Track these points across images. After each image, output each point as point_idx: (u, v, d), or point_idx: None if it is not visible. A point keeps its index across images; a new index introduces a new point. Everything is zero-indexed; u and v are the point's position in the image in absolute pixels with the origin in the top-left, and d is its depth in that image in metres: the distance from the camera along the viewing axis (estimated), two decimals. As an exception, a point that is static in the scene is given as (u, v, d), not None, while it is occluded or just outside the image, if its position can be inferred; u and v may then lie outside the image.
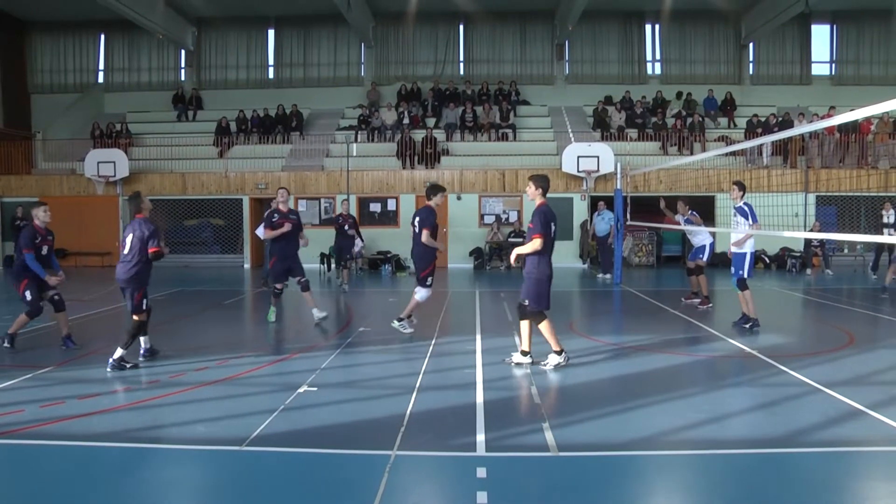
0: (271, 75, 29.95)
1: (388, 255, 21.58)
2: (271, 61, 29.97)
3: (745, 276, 11.02)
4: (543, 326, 8.27)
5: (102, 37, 30.20)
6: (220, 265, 23.30)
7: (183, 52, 29.98)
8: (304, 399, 6.85)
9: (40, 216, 9.33)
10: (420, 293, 10.35)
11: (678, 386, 7.59)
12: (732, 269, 11.17)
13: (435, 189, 10.25)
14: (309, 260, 21.31)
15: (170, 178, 23.54)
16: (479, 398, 6.87)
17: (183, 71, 30.24)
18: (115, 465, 5.24)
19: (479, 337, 10.23)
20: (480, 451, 5.41)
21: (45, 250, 9.32)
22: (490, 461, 5.17)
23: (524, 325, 8.41)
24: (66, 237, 21.85)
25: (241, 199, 23.32)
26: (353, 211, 22.51)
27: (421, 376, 7.78)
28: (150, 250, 8.23)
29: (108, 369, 8.04)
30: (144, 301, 8.39)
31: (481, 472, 4.93)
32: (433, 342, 9.86)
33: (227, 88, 29.45)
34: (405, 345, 9.82)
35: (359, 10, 26.21)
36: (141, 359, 8.61)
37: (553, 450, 5.44)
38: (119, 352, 8.14)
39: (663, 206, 14.78)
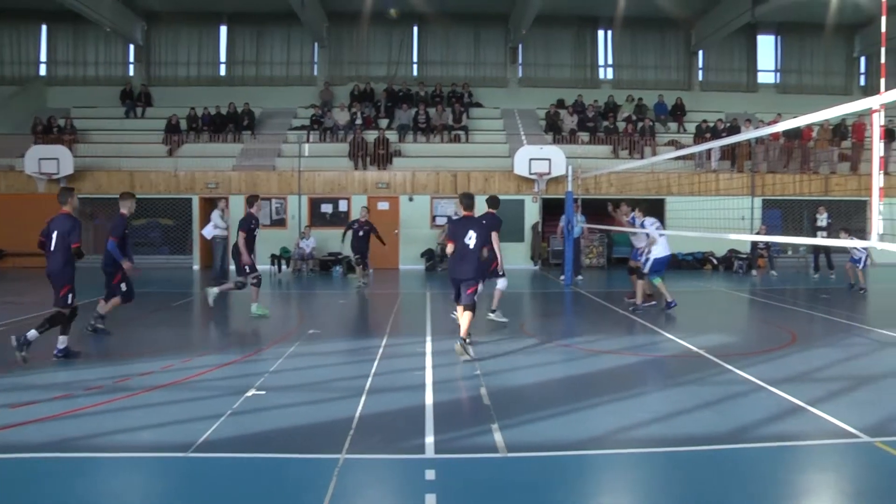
0: (223, 73, 29.50)
1: (340, 257, 21.45)
2: (223, 58, 29.51)
3: (646, 270, 12.87)
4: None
5: (44, 28, 29.29)
6: (169, 266, 22.87)
7: (132, 46, 29.30)
8: (253, 403, 6.77)
9: None
10: (501, 283, 11.66)
11: (627, 386, 7.71)
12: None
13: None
14: (260, 261, 21.24)
15: (117, 176, 22.99)
16: (429, 400, 6.89)
17: (131, 66, 29.55)
18: (51, 477, 5.00)
19: (429, 339, 10.23)
20: (430, 453, 5.42)
21: None
22: (439, 463, 5.19)
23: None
24: (4, 237, 21.35)
25: (191, 199, 22.96)
26: (305, 212, 22.39)
27: (370, 378, 7.75)
28: (72, 246, 8.36)
29: (55, 358, 8.39)
30: (70, 296, 8.41)
31: (430, 475, 4.94)
32: (383, 344, 9.85)
33: (178, 85, 28.83)
34: (355, 347, 9.80)
35: (313, 9, 26.05)
36: (54, 358, 8.48)
37: (502, 450, 5.47)
38: (62, 340, 8.44)
39: (612, 209, 15.02)
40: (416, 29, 29.43)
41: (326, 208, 23.10)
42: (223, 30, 29.47)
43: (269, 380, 7.70)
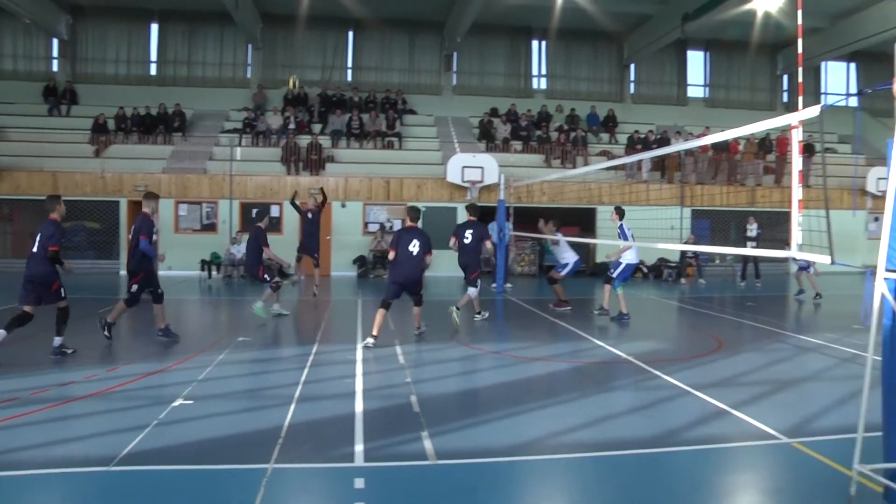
0: (153, 72, 28.63)
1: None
2: (154, 57, 28.63)
3: (614, 276, 13.30)
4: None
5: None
6: (95, 272, 22.15)
7: (55, 41, 28.15)
8: (179, 413, 6.63)
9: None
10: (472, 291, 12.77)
11: (557, 392, 7.84)
12: (610, 268, 13.33)
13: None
14: (190, 266, 20.84)
15: (39, 176, 22.16)
16: (359, 408, 6.88)
17: (55, 61, 28.38)
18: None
19: (359, 346, 10.19)
20: (359, 461, 5.41)
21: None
22: (368, 471, 5.19)
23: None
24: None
25: (119, 202, 22.30)
26: (236, 217, 22.05)
27: (300, 386, 7.70)
28: (49, 248, 8.82)
29: (52, 356, 8.99)
30: (62, 289, 9.12)
31: (359, 483, 4.94)
32: (314, 351, 9.79)
33: (106, 83, 27.84)
34: (285, 355, 9.71)
35: (247, 9, 25.65)
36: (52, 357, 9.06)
37: (432, 458, 5.50)
38: (57, 340, 9.12)
39: (542, 225, 15.31)
40: (351, 34, 29.26)
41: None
42: (154, 28, 28.62)
43: (197, 389, 7.57)
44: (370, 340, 9.98)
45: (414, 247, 10.47)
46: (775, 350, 10.58)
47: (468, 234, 13.09)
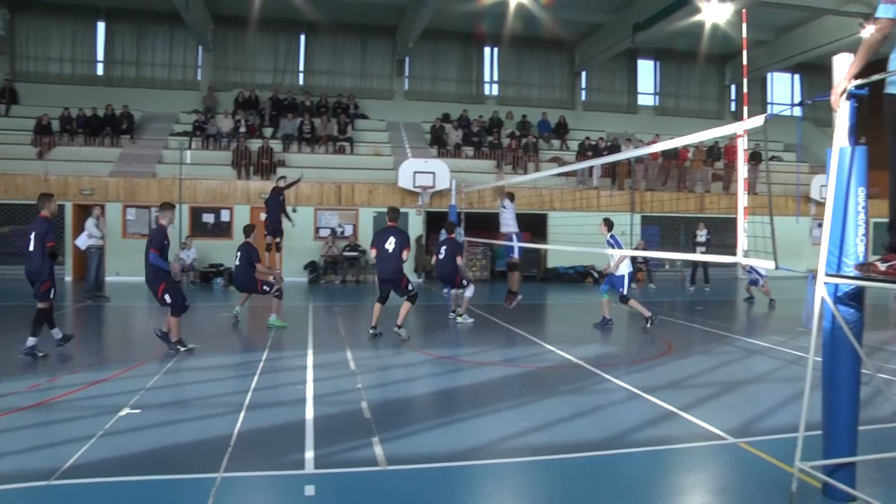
0: (100, 72, 27.74)
1: (221, 269, 20.94)
2: (101, 57, 27.73)
3: (625, 292, 12.89)
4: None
5: None
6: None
7: (-9, 37, 26.96)
8: (126, 422, 6.49)
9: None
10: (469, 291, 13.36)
11: (508, 396, 7.88)
12: (615, 287, 13.05)
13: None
14: (138, 272, 20.33)
15: (-24, 178, 21.49)
16: (309, 414, 6.83)
17: (-8, 59, 27.24)
18: None
19: (310, 352, 10.15)
20: (309, 468, 5.37)
21: None
22: (318, 478, 5.16)
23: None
24: None
25: (64, 206, 21.71)
26: (186, 222, 21.73)
27: (250, 394, 7.62)
28: (47, 245, 9.29)
29: (22, 355, 9.12)
30: (51, 290, 9.46)
31: (310, 490, 4.90)
32: (264, 358, 9.70)
33: (49, 83, 26.88)
34: (235, 362, 9.59)
35: (197, 10, 25.17)
36: (21, 356, 9.21)
37: (382, 463, 5.49)
38: (31, 341, 9.23)
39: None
40: (303, 37, 29.05)
41: (208, 218, 22.49)
42: (101, 26, 27.71)
43: (144, 397, 7.42)
44: (371, 331, 11.46)
45: (390, 244, 11.32)
46: (723, 353, 10.79)
47: (442, 250, 13.50)
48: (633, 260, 22.25)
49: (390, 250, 11.33)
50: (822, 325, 4.86)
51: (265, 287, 12.69)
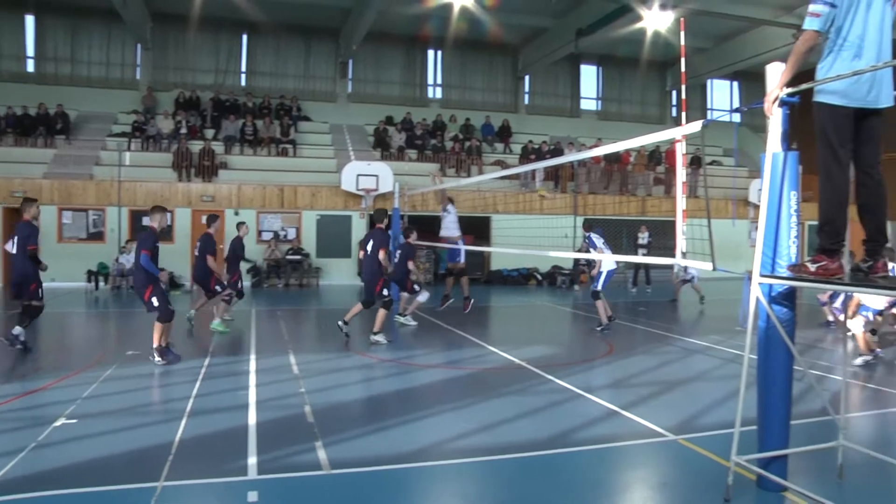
0: (31, 69, 26.56)
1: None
2: (31, 52, 26.47)
3: (599, 288, 13.23)
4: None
5: None
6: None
7: None
8: (61, 433, 6.29)
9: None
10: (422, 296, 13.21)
11: (450, 398, 7.91)
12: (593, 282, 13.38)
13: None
14: (75, 277, 19.92)
15: None
16: (252, 420, 6.77)
17: None
18: None
19: (253, 357, 10.05)
20: (252, 474, 5.33)
21: None
22: (262, 484, 5.12)
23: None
24: None
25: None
26: (125, 225, 21.27)
27: (192, 400, 7.50)
28: (28, 248, 9.69)
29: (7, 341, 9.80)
30: (39, 290, 10.03)
31: (252, 496, 4.86)
32: (206, 364, 9.56)
33: None
34: (176, 368, 9.41)
35: (135, 7, 24.48)
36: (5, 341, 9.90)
37: (326, 467, 5.47)
38: (18, 329, 9.89)
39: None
40: (245, 37, 28.59)
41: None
42: (30, 20, 26.35)
43: (81, 407, 7.22)
44: (339, 323, 11.51)
45: (370, 246, 11.54)
46: (664, 353, 11.01)
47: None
48: (576, 262, 22.69)
49: (370, 252, 11.50)
50: (756, 325, 5.01)
51: (217, 287, 12.53)
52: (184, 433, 6.31)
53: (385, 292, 11.52)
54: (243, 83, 28.60)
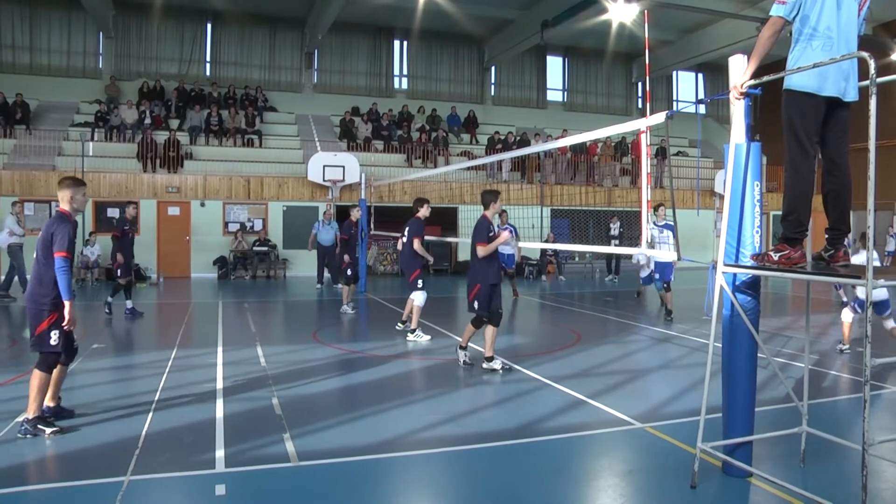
0: None
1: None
2: None
3: (659, 279, 13.18)
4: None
5: None
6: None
7: None
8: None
9: None
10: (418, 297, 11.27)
11: (418, 389, 7.97)
12: (664, 274, 13.20)
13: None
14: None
15: None
16: (220, 413, 6.72)
17: None
18: None
19: (220, 349, 9.97)
20: (220, 467, 5.28)
21: None
22: (229, 477, 5.08)
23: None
24: None
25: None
26: (89, 217, 20.95)
27: (158, 393, 7.43)
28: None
29: None
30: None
31: (220, 490, 4.83)
32: (172, 356, 9.46)
33: None
34: (142, 361, 9.32)
35: (97, -5, 24.05)
36: None
37: (294, 459, 5.45)
38: None
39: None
40: (209, 26, 28.24)
41: (113, 213, 21.61)
42: None
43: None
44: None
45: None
46: (630, 342, 11.13)
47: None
48: (544, 252, 22.82)
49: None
50: (721, 313, 5.08)
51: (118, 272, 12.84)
52: (150, 427, 6.24)
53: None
54: (208, 73, 28.28)
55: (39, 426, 6.00)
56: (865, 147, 3.60)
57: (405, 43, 30.53)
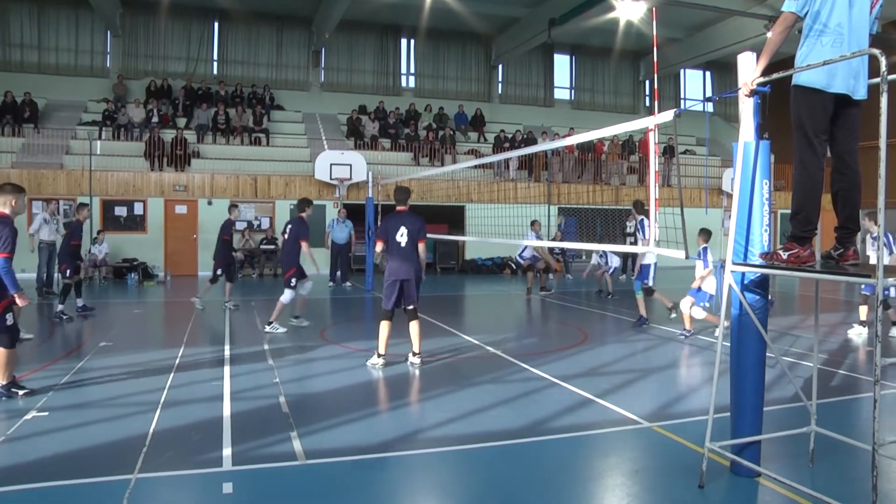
0: None
1: (135, 263, 20.34)
2: None
3: (650, 283, 12.43)
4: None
5: None
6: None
7: None
8: (33, 426, 6.21)
9: None
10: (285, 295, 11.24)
11: (426, 388, 7.93)
12: (642, 278, 12.57)
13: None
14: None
15: None
16: (227, 411, 6.72)
17: None
18: None
19: (227, 347, 9.99)
20: (227, 465, 5.29)
21: None
22: (237, 475, 5.08)
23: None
24: None
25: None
26: (97, 215, 20.97)
27: (166, 391, 7.44)
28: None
29: None
30: None
31: (227, 488, 4.83)
32: (180, 354, 9.48)
33: None
34: (150, 359, 9.33)
35: (104, -7, 24.09)
36: None
37: (301, 458, 5.45)
38: None
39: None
40: (216, 25, 28.27)
41: (121, 211, 21.73)
42: None
43: (53, 399, 7.13)
44: (377, 360, 8.87)
45: (402, 236, 8.85)
46: (637, 341, 11.10)
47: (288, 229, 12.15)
48: (551, 251, 22.74)
49: (403, 243, 8.85)
50: (729, 312, 5.06)
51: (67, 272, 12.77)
52: (158, 425, 6.25)
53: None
54: (215, 71, 28.30)
55: (13, 389, 7.12)
56: (875, 145, 3.58)
57: (412, 41, 30.51)
